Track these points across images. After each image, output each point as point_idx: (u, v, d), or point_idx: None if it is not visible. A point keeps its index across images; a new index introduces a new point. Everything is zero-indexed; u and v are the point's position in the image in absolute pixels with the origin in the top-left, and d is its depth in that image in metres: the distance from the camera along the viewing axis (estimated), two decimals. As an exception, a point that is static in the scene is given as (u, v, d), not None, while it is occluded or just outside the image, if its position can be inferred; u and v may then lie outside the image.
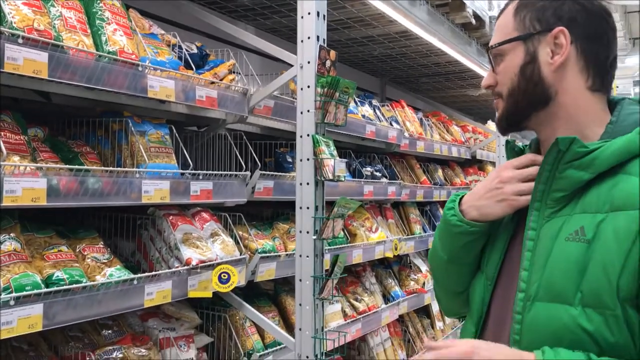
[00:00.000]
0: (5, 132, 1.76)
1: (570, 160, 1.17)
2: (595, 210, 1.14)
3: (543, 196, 1.22)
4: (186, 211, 2.48)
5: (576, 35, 1.22)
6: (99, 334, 2.25)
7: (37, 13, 1.75)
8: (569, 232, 1.15)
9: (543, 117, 1.27)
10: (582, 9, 1.22)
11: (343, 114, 2.50)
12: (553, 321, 1.13)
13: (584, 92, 1.23)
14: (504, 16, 1.30)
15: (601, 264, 1.09)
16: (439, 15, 3.60)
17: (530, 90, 1.25)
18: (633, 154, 1.14)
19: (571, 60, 1.23)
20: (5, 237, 1.79)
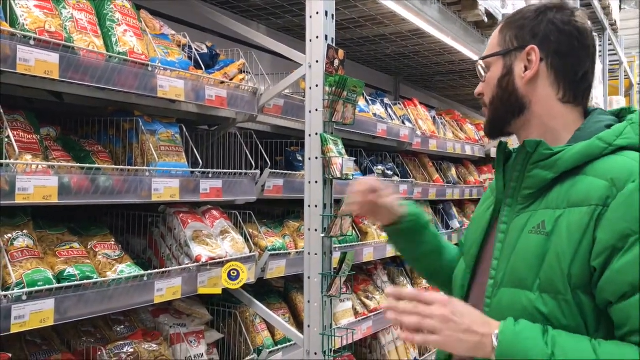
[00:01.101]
0: (19, 132, 1.81)
1: (537, 161, 1.31)
2: (555, 206, 1.27)
3: (514, 193, 1.37)
4: (197, 209, 2.51)
5: (547, 52, 1.36)
6: (110, 330, 2.29)
7: (49, 15, 1.79)
8: (532, 225, 1.29)
9: (520, 124, 1.41)
10: (555, 28, 1.36)
11: (351, 112, 2.52)
12: (515, 305, 1.26)
13: (556, 102, 1.37)
14: (494, 33, 1.46)
15: (555, 254, 1.23)
16: (450, 13, 3.59)
17: (506, 100, 1.40)
18: (591, 157, 1.27)
19: (542, 74, 1.37)
20: (18, 233, 1.83)
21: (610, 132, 1.30)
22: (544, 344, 1.17)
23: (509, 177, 1.39)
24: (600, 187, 1.22)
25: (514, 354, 1.19)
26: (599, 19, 8.73)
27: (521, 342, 1.19)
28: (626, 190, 1.19)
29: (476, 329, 1.22)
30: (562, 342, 1.17)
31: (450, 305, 1.25)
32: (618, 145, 1.27)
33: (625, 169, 1.23)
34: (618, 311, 1.18)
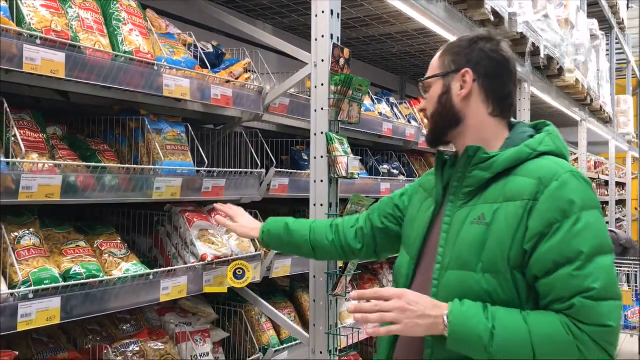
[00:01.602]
0: (25, 131, 1.82)
1: (476, 164, 1.57)
2: (493, 201, 1.53)
3: (456, 191, 1.62)
4: (202, 208, 2.52)
5: (479, 74, 1.63)
6: (116, 328, 2.30)
7: (55, 15, 1.80)
8: (473, 217, 1.54)
9: (457, 134, 1.67)
10: (485, 55, 1.63)
11: (357, 111, 2.52)
12: (462, 284, 1.51)
13: (486, 116, 1.65)
14: (435, 57, 1.72)
15: (496, 241, 1.48)
16: (456, 12, 3.58)
17: (445, 114, 1.66)
18: (520, 161, 1.55)
19: (475, 93, 1.64)
20: (24, 232, 1.84)
21: (534, 140, 1.59)
22: (485, 319, 1.43)
23: (454, 178, 1.63)
24: (531, 184, 1.49)
25: (462, 329, 1.45)
26: (606, 18, 8.69)
27: (468, 319, 1.45)
28: (551, 187, 1.47)
29: (429, 313, 1.48)
30: (499, 316, 1.44)
31: (404, 296, 1.50)
32: (540, 151, 1.56)
33: (550, 170, 1.50)
34: (543, 285, 1.46)
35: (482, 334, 1.43)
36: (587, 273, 1.41)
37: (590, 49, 6.69)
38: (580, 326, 1.40)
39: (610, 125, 9.03)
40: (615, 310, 1.42)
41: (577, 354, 1.40)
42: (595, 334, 1.40)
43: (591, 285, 1.40)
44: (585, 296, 1.40)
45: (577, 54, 6.07)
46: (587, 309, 1.40)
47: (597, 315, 1.40)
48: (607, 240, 1.47)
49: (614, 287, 1.43)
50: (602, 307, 1.40)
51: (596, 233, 1.45)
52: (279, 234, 2.15)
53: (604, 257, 1.44)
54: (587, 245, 1.42)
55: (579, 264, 1.42)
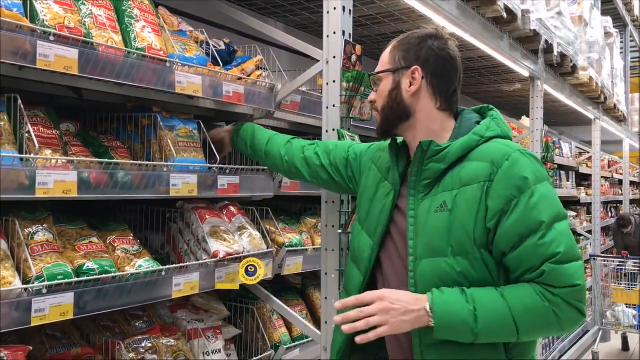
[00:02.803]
0: (39, 127, 1.83)
1: (431, 157, 1.66)
2: (451, 188, 1.63)
3: (416, 185, 1.70)
4: (214, 205, 2.52)
5: (427, 71, 1.73)
6: (129, 324, 2.31)
7: (68, 11, 1.81)
8: (436, 206, 1.63)
9: (407, 127, 1.77)
10: (434, 54, 1.73)
11: (368, 108, 2.51)
12: (436, 270, 1.59)
13: (435, 110, 1.75)
14: (385, 52, 1.80)
15: (460, 224, 1.58)
16: (469, 9, 3.56)
17: (395, 108, 1.76)
18: (471, 148, 1.65)
19: (423, 89, 1.74)
20: (38, 228, 1.85)
21: (480, 127, 1.69)
22: (465, 302, 1.52)
23: (411, 172, 1.71)
24: (485, 167, 1.60)
25: (447, 317, 1.53)
26: (620, 15, 8.61)
27: (450, 306, 1.53)
28: (504, 167, 1.58)
29: (412, 308, 1.55)
30: (478, 297, 1.53)
31: (385, 297, 1.57)
32: (488, 137, 1.67)
33: (500, 151, 1.61)
34: (512, 259, 1.56)
35: (466, 318, 1.52)
36: (550, 240, 1.53)
37: (604, 47, 6.63)
38: (552, 290, 1.52)
39: (624, 123, 8.94)
40: (580, 269, 1.55)
41: (554, 317, 1.52)
42: (566, 294, 1.52)
43: (556, 250, 1.52)
44: (553, 261, 1.52)
45: (590, 51, 6.02)
46: (556, 273, 1.52)
47: (566, 277, 1.52)
48: (561, 208, 1.60)
49: (575, 249, 1.56)
50: (568, 269, 1.53)
51: (551, 202, 1.57)
52: (245, 139, 2.36)
53: (561, 223, 1.57)
54: (545, 215, 1.54)
55: (542, 233, 1.53)
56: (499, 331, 1.54)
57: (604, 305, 6.63)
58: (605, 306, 6.64)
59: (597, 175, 7.59)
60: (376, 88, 1.82)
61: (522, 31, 4.11)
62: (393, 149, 1.83)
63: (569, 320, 1.55)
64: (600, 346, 6.46)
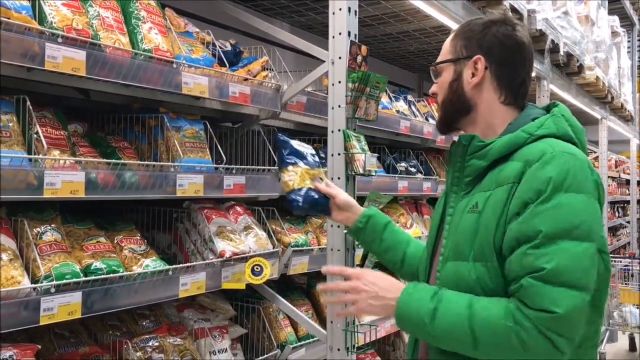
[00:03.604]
0: (47, 128, 1.85)
1: (472, 152, 1.53)
2: (486, 189, 1.49)
3: (459, 182, 1.59)
4: (220, 205, 2.53)
5: (491, 61, 1.58)
6: (136, 324, 2.33)
7: (76, 13, 1.83)
8: (470, 206, 1.50)
9: (467, 122, 1.64)
10: (498, 41, 1.57)
11: (374, 109, 2.52)
12: (456, 274, 1.48)
13: (497, 104, 1.60)
14: (447, 40, 1.67)
15: (484, 227, 1.44)
16: (475, 9, 3.56)
17: (455, 101, 1.63)
18: (517, 146, 1.48)
19: (486, 80, 1.59)
20: (46, 228, 1.87)
21: (532, 124, 1.52)
22: (429, 300, 1.43)
23: (454, 168, 1.60)
24: (517, 168, 1.44)
25: (406, 310, 1.47)
26: (627, 15, 8.57)
27: (412, 302, 1.46)
28: (533, 167, 1.41)
29: (383, 295, 1.52)
30: (446, 298, 1.43)
31: (362, 277, 1.55)
32: (538, 135, 1.49)
33: (538, 152, 1.43)
34: (507, 263, 1.40)
35: (423, 316, 1.43)
36: (542, 252, 1.33)
37: (611, 46, 6.61)
38: (524, 310, 1.33)
39: (631, 123, 8.90)
40: (569, 298, 1.31)
41: (516, 341, 1.33)
42: (538, 320, 1.31)
43: (542, 265, 1.32)
44: (534, 276, 1.33)
45: (597, 51, 6.00)
46: (534, 291, 1.32)
47: (543, 299, 1.31)
48: (586, 227, 1.35)
49: (574, 275, 1.32)
50: (550, 291, 1.31)
51: (565, 215, 1.35)
52: (377, 226, 1.96)
53: (570, 243, 1.34)
54: (548, 225, 1.34)
55: (536, 243, 1.34)
56: (454, 338, 1.41)
57: (611, 305, 6.61)
58: (613, 307, 6.62)
59: (604, 175, 7.56)
60: (437, 80, 1.67)
61: (528, 31, 4.10)
62: (453, 146, 1.65)
63: (538, 350, 1.32)
64: (607, 347, 6.44)
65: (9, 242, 1.74)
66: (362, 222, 1.96)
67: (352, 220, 1.99)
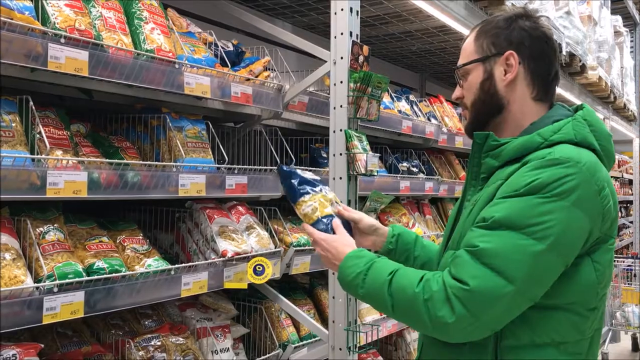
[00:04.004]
0: (49, 128, 1.86)
1: (487, 151, 1.51)
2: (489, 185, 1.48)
3: (476, 177, 1.57)
4: (223, 205, 2.54)
5: (523, 56, 1.53)
6: (139, 323, 2.33)
7: (79, 14, 1.83)
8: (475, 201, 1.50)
9: (497, 122, 1.58)
10: (527, 35, 1.52)
11: (376, 108, 2.52)
12: (447, 261, 1.47)
13: (529, 101, 1.55)
14: (467, 42, 1.61)
15: (470, 220, 1.46)
16: (477, 9, 3.56)
17: (488, 101, 1.57)
18: (529, 150, 1.44)
19: (520, 76, 1.54)
20: (49, 227, 1.88)
21: (549, 128, 1.46)
22: (363, 265, 1.52)
23: (472, 162, 1.58)
24: (514, 168, 1.43)
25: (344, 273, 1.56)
26: (630, 14, 8.56)
27: (349, 267, 1.55)
28: (524, 168, 1.39)
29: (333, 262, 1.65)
30: (376, 265, 1.50)
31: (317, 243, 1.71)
32: (554, 141, 1.43)
33: (544, 156, 1.39)
34: None
35: (355, 278, 1.52)
36: (484, 233, 1.36)
37: (613, 46, 6.60)
38: (444, 276, 1.38)
39: (634, 123, 8.89)
40: (486, 279, 1.32)
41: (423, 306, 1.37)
42: (451, 286, 1.35)
43: (477, 243, 1.35)
44: (467, 250, 1.37)
45: (600, 51, 6.00)
46: (460, 261, 1.37)
47: (462, 271, 1.35)
48: (545, 230, 1.32)
49: (501, 262, 1.32)
50: (473, 266, 1.34)
51: (530, 212, 1.33)
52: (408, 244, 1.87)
53: (516, 234, 1.33)
54: (502, 214, 1.35)
55: (484, 224, 1.37)
56: (377, 301, 1.49)
57: (613, 305, 6.60)
58: (615, 307, 6.61)
59: (606, 175, 7.53)
60: (462, 82, 1.61)
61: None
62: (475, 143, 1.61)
63: (437, 317, 1.35)
64: (610, 347, 6.43)
65: (12, 241, 1.75)
66: (392, 242, 1.85)
67: (379, 243, 1.87)
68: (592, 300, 1.45)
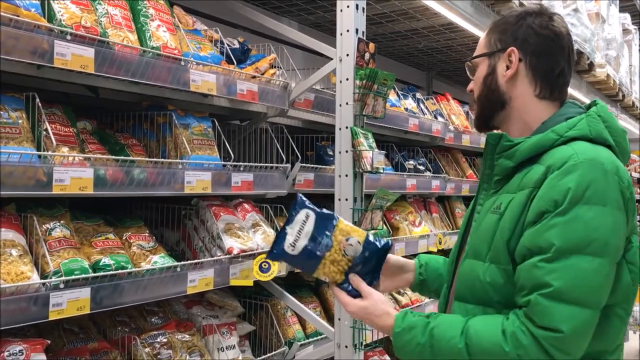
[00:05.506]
0: (56, 125, 1.86)
1: (501, 152, 1.50)
2: (512, 191, 1.45)
3: (488, 179, 1.56)
4: (229, 202, 2.54)
5: (526, 53, 1.53)
6: (145, 320, 2.34)
7: (85, 11, 1.84)
8: (494, 206, 1.48)
9: (502, 117, 1.59)
10: (533, 32, 1.52)
11: (382, 106, 2.52)
12: (472, 273, 1.47)
13: (532, 98, 1.54)
14: (482, 36, 1.63)
15: (501, 231, 1.42)
16: (483, 7, 3.55)
17: (490, 96, 1.58)
18: (544, 148, 1.44)
19: (521, 73, 1.54)
20: (56, 224, 1.89)
21: (564, 124, 1.46)
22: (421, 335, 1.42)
23: (485, 165, 1.57)
24: (539, 172, 1.40)
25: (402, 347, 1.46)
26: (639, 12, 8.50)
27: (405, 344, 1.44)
28: (554, 174, 1.36)
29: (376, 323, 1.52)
30: (438, 327, 1.41)
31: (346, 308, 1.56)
32: (569, 137, 1.43)
33: (562, 157, 1.38)
34: (517, 271, 1.38)
35: (422, 352, 1.42)
36: (553, 268, 1.31)
37: (622, 44, 6.56)
38: (530, 327, 1.32)
39: (643, 121, 8.83)
40: (575, 317, 1.30)
41: None
42: (542, 337, 1.30)
43: (550, 282, 1.30)
44: (542, 293, 1.31)
45: (608, 48, 5.96)
46: (541, 309, 1.31)
47: (549, 318, 1.30)
48: (602, 242, 1.32)
49: (583, 293, 1.30)
50: (557, 309, 1.30)
51: (584, 231, 1.31)
52: (439, 269, 1.82)
53: (584, 258, 1.31)
54: (562, 239, 1.31)
55: (547, 256, 1.32)
56: None
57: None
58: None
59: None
60: (472, 76, 1.63)
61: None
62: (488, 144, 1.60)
63: None
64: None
65: (19, 238, 1.75)
66: (422, 273, 1.81)
67: (409, 279, 1.82)
68: (630, 303, 1.44)
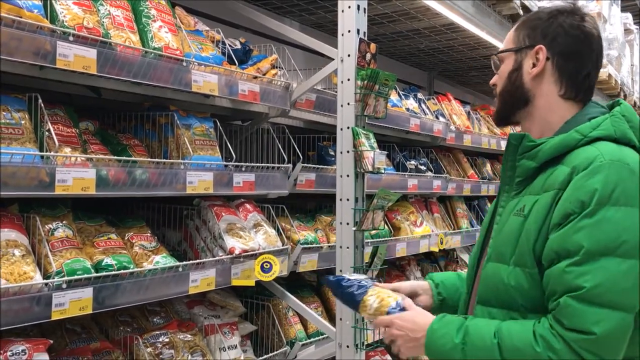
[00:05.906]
0: (58, 125, 1.87)
1: (523, 152, 1.48)
2: (535, 192, 1.44)
3: (510, 181, 1.53)
4: (230, 202, 2.55)
5: (554, 52, 1.50)
6: (147, 320, 2.35)
7: (87, 12, 1.85)
8: (517, 208, 1.46)
9: (524, 115, 1.57)
10: (563, 31, 1.49)
11: (383, 106, 2.52)
12: (495, 276, 1.46)
13: (557, 98, 1.52)
14: (511, 30, 1.60)
15: (527, 233, 1.40)
16: (485, 7, 3.55)
17: (513, 92, 1.56)
18: (568, 148, 1.42)
19: (547, 72, 1.52)
20: (58, 224, 1.89)
21: (587, 124, 1.44)
22: (455, 335, 1.41)
23: (506, 166, 1.54)
24: (565, 173, 1.38)
25: (434, 350, 1.45)
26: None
27: (438, 339, 1.44)
28: (579, 175, 1.34)
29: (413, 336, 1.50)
30: (471, 329, 1.41)
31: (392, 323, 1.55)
32: (593, 137, 1.41)
33: (587, 157, 1.36)
34: (545, 276, 1.36)
35: (452, 352, 1.42)
36: (583, 271, 1.29)
37: (623, 44, 6.55)
38: (560, 331, 1.30)
39: (644, 121, 8.81)
40: (608, 320, 1.27)
41: None
42: (573, 339, 1.29)
43: (581, 284, 1.28)
44: (572, 295, 1.29)
45: (609, 48, 5.96)
46: (571, 311, 1.29)
47: (580, 320, 1.28)
48: (632, 243, 1.29)
49: (615, 295, 1.28)
50: (588, 311, 1.28)
51: (613, 232, 1.29)
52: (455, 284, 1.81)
53: (611, 260, 1.29)
54: (591, 241, 1.29)
55: (576, 259, 1.30)
56: None
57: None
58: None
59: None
60: (497, 70, 1.62)
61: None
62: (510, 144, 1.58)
63: None
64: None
65: (22, 238, 1.76)
66: (440, 293, 1.79)
67: (425, 302, 1.79)
68: None
